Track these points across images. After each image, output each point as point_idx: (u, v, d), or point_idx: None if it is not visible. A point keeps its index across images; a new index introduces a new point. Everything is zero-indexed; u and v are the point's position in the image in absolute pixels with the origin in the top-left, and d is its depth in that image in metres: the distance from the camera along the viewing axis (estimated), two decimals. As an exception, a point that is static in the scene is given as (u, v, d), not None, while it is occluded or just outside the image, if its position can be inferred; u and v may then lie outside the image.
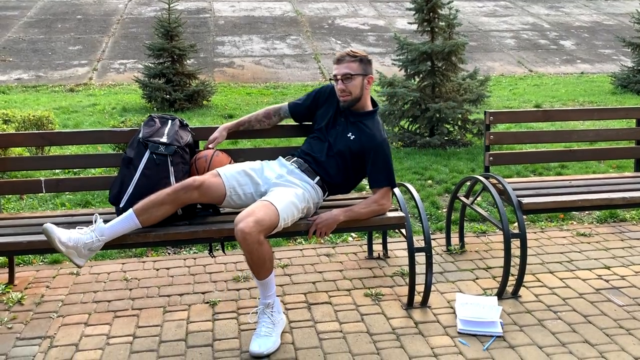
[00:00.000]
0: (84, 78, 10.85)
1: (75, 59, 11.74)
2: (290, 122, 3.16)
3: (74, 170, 4.97)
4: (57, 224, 2.78)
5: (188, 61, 8.95)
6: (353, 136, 2.84)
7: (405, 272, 3.21)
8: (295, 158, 2.88)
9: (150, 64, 8.68)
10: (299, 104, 3.05)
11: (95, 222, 2.55)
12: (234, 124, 3.09)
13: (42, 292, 3.05)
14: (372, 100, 2.98)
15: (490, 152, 3.42)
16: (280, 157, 2.95)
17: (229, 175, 2.73)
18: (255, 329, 2.58)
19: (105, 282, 3.17)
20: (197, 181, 2.61)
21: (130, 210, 2.55)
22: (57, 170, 4.92)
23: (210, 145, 2.97)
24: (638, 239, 3.71)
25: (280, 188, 2.70)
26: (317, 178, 2.82)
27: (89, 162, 3.29)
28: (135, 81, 8.75)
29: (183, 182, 2.60)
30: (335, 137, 2.87)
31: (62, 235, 2.46)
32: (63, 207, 4.22)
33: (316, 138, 2.94)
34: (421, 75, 6.22)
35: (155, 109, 8.27)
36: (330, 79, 2.98)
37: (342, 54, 2.86)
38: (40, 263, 3.44)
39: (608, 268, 3.28)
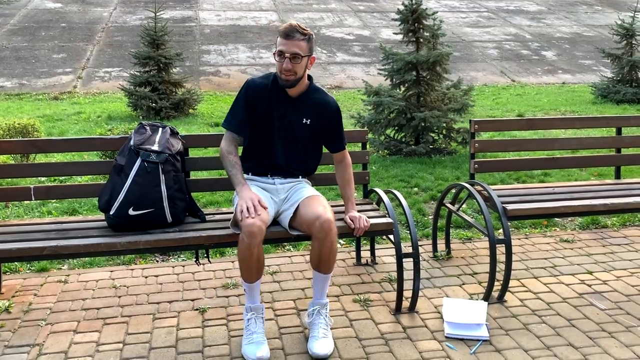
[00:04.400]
0: (69, 86, 10.80)
1: (59, 67, 11.68)
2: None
3: (60, 178, 4.95)
4: (47, 231, 2.79)
5: (174, 69, 8.96)
6: (309, 120, 2.75)
7: (393, 278, 3.25)
8: (268, 174, 2.81)
9: (136, 72, 8.68)
10: (242, 121, 2.75)
11: (249, 317, 2.62)
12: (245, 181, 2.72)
13: (29, 300, 3.04)
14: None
15: (475, 159, 3.49)
16: (255, 181, 2.81)
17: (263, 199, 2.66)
18: (310, 332, 2.60)
19: (93, 290, 3.16)
20: (255, 224, 2.47)
21: (243, 282, 2.60)
22: (42, 178, 4.90)
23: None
24: (619, 244, 3.79)
25: (300, 190, 2.77)
26: (299, 175, 2.87)
27: (79, 169, 3.29)
28: (121, 89, 8.74)
29: (251, 232, 2.45)
30: (288, 131, 2.74)
31: (264, 350, 2.51)
32: (50, 215, 4.20)
33: (265, 147, 2.77)
34: (406, 85, 6.30)
35: (141, 117, 8.26)
36: (274, 54, 2.65)
37: (291, 28, 2.61)
38: (28, 271, 3.42)
39: (590, 273, 3.36)
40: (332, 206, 3.11)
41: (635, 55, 9.91)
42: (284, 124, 2.76)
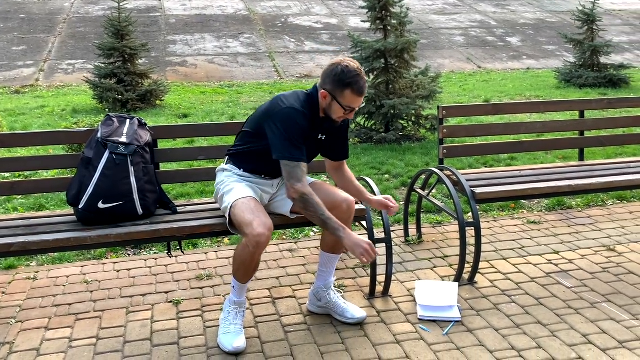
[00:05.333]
0: (30, 79, 10.51)
1: (20, 60, 11.35)
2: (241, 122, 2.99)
3: (25, 173, 4.84)
4: (14, 227, 2.73)
5: (140, 60, 8.80)
6: (324, 136, 2.74)
7: (367, 264, 3.29)
8: (263, 176, 2.73)
9: (100, 64, 8.49)
10: (305, 152, 2.60)
11: (231, 309, 2.62)
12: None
13: (-2, 298, 2.98)
14: None
15: (444, 145, 3.54)
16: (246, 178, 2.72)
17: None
18: (336, 309, 2.74)
19: (64, 286, 3.12)
20: (264, 234, 2.44)
21: (234, 280, 2.59)
22: (6, 174, 4.78)
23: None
24: (583, 224, 3.91)
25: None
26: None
27: (45, 164, 3.21)
28: (86, 82, 8.55)
29: (259, 243, 2.44)
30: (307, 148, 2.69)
31: (241, 340, 2.53)
32: (16, 212, 4.10)
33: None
34: (375, 73, 6.33)
35: (107, 109, 8.10)
36: (345, 110, 2.55)
37: (364, 83, 2.53)
38: (-5, 269, 3.35)
39: (557, 253, 3.46)
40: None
41: (597, 40, 10.15)
42: (306, 142, 2.67)
